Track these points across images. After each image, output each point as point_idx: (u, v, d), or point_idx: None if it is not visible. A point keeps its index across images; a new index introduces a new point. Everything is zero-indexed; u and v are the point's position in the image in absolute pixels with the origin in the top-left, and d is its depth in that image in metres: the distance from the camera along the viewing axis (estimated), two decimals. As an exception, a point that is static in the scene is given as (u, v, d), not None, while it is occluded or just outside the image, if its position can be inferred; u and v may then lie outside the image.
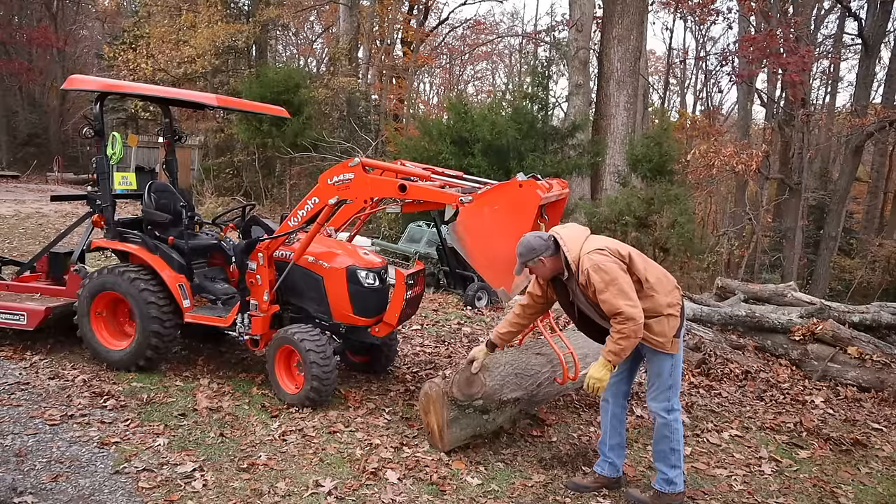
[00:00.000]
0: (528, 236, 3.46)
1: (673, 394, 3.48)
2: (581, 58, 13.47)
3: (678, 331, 3.41)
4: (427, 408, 4.00)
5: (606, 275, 3.21)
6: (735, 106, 26.39)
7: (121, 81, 8.88)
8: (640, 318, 3.19)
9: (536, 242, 3.40)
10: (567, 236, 3.42)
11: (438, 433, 3.95)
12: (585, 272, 3.27)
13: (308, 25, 31.27)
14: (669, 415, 3.46)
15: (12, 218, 13.40)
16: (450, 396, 3.85)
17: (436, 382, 3.98)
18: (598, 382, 3.32)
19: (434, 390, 3.95)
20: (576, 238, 3.42)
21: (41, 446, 3.72)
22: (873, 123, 14.05)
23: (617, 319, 3.20)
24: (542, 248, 3.39)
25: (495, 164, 10.24)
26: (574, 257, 3.33)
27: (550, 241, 3.41)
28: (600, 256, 3.27)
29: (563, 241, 3.37)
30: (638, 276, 3.33)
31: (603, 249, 3.31)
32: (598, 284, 3.22)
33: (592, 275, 3.23)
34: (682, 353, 3.50)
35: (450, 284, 9.04)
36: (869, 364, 5.82)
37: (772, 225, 17.74)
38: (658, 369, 3.46)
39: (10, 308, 5.20)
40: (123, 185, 5.54)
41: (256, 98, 14.10)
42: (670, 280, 3.49)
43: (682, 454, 3.55)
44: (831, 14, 21.73)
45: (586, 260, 3.28)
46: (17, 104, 30.62)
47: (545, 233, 3.51)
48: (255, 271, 4.72)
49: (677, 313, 3.41)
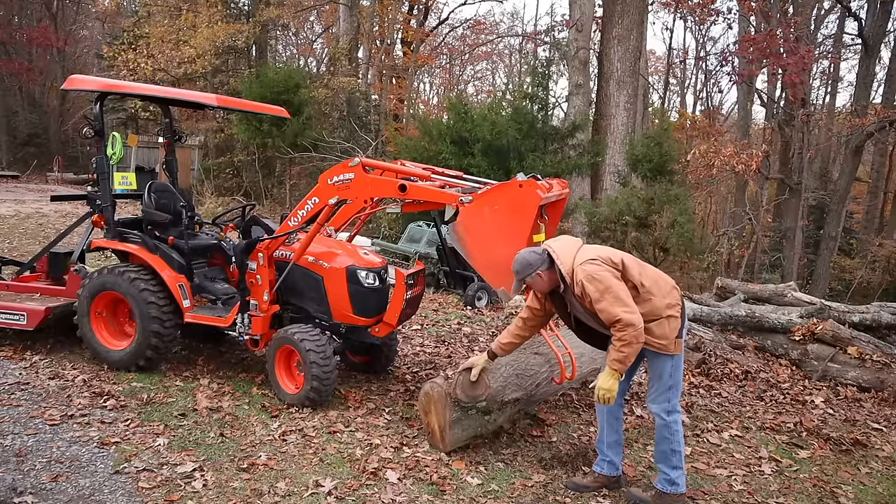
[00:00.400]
0: (523, 253, 3.48)
1: (673, 395, 3.48)
2: (581, 58, 13.47)
3: (679, 331, 3.41)
4: (428, 408, 4.00)
5: (601, 284, 3.22)
6: (735, 106, 26.41)
7: (121, 81, 8.88)
8: (640, 323, 3.19)
9: (532, 258, 3.43)
10: (559, 249, 3.43)
11: (440, 433, 3.95)
12: (580, 283, 3.28)
13: (308, 25, 31.27)
14: (669, 416, 3.47)
15: (12, 218, 13.39)
16: (453, 398, 3.85)
17: (437, 383, 3.97)
18: (607, 393, 3.32)
19: (436, 391, 3.94)
20: (568, 250, 3.43)
21: (41, 446, 3.72)
22: (873, 123, 14.05)
23: (616, 327, 3.21)
24: (538, 262, 3.41)
25: (495, 164, 10.24)
26: (568, 269, 3.35)
27: (545, 255, 3.43)
28: (593, 266, 3.28)
29: (555, 255, 3.40)
30: (633, 281, 3.33)
31: (595, 259, 3.32)
32: (594, 294, 3.23)
33: (587, 285, 3.25)
34: (682, 353, 3.50)
35: (450, 284, 9.04)
36: (869, 364, 5.82)
37: (772, 225, 17.74)
38: (658, 371, 3.47)
39: (10, 308, 5.20)
40: (123, 185, 5.54)
41: (256, 98, 14.10)
42: (667, 281, 3.49)
43: (683, 455, 3.55)
44: (831, 14, 21.75)
45: (580, 271, 3.29)
46: (17, 104, 30.62)
47: (538, 248, 3.52)
48: (255, 271, 4.72)
49: (677, 314, 3.41)
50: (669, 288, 3.45)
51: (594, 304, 3.25)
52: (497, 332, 7.13)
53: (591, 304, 3.28)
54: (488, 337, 6.93)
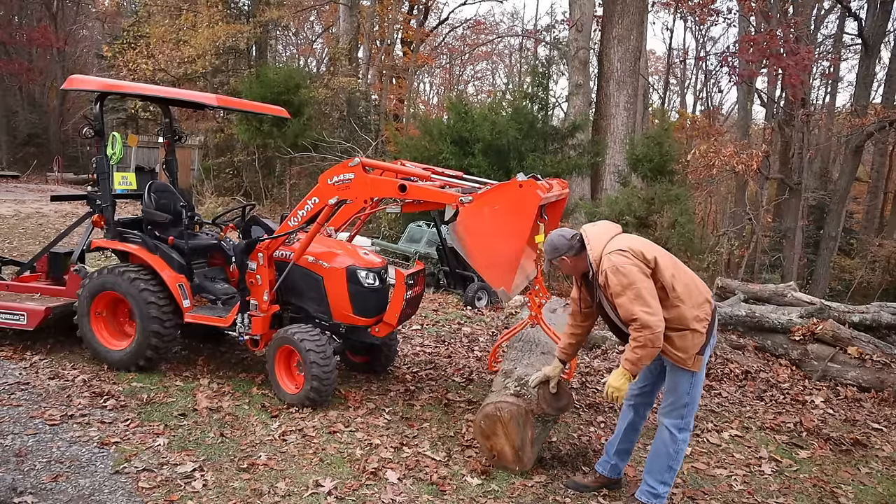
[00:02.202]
0: (553, 234, 3.39)
1: (688, 412, 3.32)
2: (581, 58, 13.48)
3: (702, 348, 3.21)
4: (492, 430, 3.77)
5: (625, 278, 3.06)
6: (735, 106, 26.40)
7: (121, 81, 8.87)
8: (659, 326, 3.02)
9: (559, 242, 3.34)
10: (593, 234, 3.32)
11: (513, 454, 3.78)
12: (604, 273, 3.15)
13: (308, 25, 31.27)
14: (680, 434, 3.33)
15: (12, 218, 13.40)
16: (537, 414, 3.71)
17: (507, 402, 3.74)
18: (616, 391, 3.15)
19: (506, 411, 3.71)
20: (601, 237, 3.30)
21: (41, 446, 3.72)
22: (873, 123, 14.04)
23: (633, 326, 3.06)
24: (565, 247, 3.32)
25: (495, 164, 10.24)
26: (596, 256, 3.22)
27: (575, 241, 3.32)
28: (620, 258, 3.12)
29: (587, 239, 3.29)
30: (663, 283, 3.16)
31: (626, 251, 3.14)
32: (615, 287, 3.09)
33: (610, 276, 3.11)
34: (704, 371, 3.30)
35: (450, 284, 9.04)
36: (869, 364, 5.82)
37: (772, 225, 17.74)
38: (674, 384, 3.31)
39: (10, 308, 5.20)
40: (123, 185, 5.54)
41: (257, 98, 14.10)
42: (702, 292, 3.27)
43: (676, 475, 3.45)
44: (831, 14, 21.75)
45: (606, 260, 3.16)
46: (17, 104, 30.62)
47: (572, 230, 3.42)
48: (255, 271, 4.72)
49: (703, 329, 3.20)
50: (702, 300, 3.24)
51: (614, 297, 3.12)
52: (497, 332, 7.14)
53: (612, 296, 3.16)
54: (488, 337, 6.93)
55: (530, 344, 4.54)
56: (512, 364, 4.17)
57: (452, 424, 4.47)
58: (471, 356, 6.17)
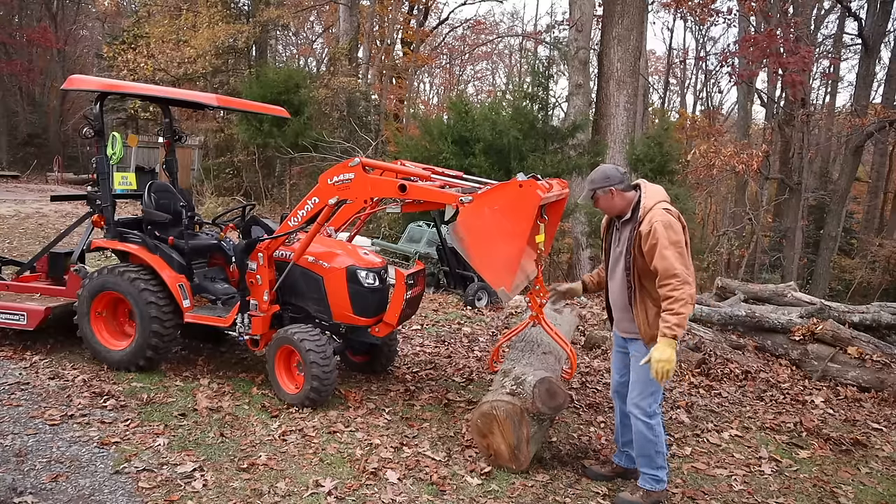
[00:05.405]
0: (605, 165, 3.49)
1: (654, 400, 3.47)
2: (581, 58, 13.46)
3: None
4: (489, 429, 3.78)
5: (675, 234, 3.20)
6: (735, 106, 26.43)
7: (121, 81, 8.88)
8: (693, 288, 3.14)
9: (612, 172, 3.44)
10: (651, 187, 3.46)
11: (510, 453, 3.77)
12: (653, 223, 3.23)
13: (308, 25, 31.28)
14: (652, 419, 3.45)
15: (12, 218, 13.40)
16: (532, 412, 3.72)
17: (503, 401, 3.73)
18: (666, 364, 3.12)
19: (502, 409, 3.71)
20: (657, 192, 3.43)
21: (41, 446, 3.72)
22: (873, 123, 14.06)
23: (671, 284, 3.14)
24: (617, 179, 3.41)
25: (496, 164, 10.24)
26: (649, 204, 3.32)
27: (626, 178, 3.44)
28: (672, 218, 3.27)
29: (644, 188, 3.42)
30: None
31: (676, 215, 3.32)
32: (663, 240, 3.18)
33: (660, 229, 3.20)
34: None
35: (450, 284, 9.04)
36: (869, 364, 5.82)
37: (772, 225, 17.76)
38: (638, 375, 3.44)
39: (10, 308, 5.20)
40: (123, 185, 5.54)
41: (256, 98, 14.11)
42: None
43: (666, 453, 3.56)
44: (831, 14, 21.78)
45: (660, 213, 3.26)
46: (17, 104, 30.64)
47: (622, 168, 3.49)
48: (255, 271, 4.72)
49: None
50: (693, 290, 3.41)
51: (660, 248, 3.18)
52: (497, 332, 7.14)
53: (651, 248, 3.22)
54: (488, 337, 6.93)
55: (531, 344, 4.54)
56: (512, 364, 4.18)
57: (452, 424, 4.47)
58: (471, 356, 6.17)
